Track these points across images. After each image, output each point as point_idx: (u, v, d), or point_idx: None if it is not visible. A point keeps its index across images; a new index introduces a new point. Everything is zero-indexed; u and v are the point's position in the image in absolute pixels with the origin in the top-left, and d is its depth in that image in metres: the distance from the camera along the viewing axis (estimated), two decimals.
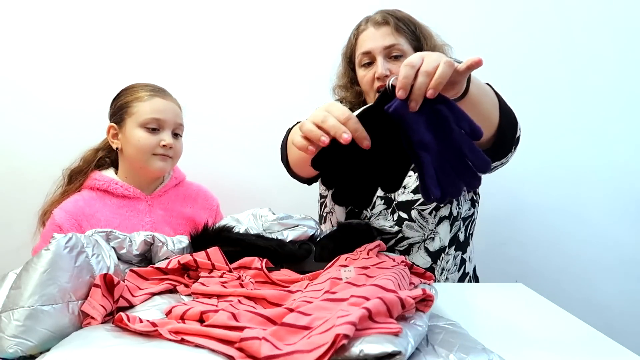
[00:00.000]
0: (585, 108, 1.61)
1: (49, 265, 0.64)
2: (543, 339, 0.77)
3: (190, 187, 1.36)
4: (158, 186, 1.28)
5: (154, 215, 1.25)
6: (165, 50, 1.56)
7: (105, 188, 1.21)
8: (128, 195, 1.22)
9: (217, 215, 1.38)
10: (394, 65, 1.11)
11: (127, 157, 1.22)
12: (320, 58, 1.57)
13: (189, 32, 1.56)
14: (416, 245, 1.14)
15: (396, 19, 1.12)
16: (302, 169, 1.04)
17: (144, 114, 1.18)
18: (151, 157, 1.20)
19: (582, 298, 1.52)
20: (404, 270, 0.76)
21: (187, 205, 1.32)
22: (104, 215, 1.19)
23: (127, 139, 1.20)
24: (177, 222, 1.27)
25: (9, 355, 0.59)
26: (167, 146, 1.20)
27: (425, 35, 1.14)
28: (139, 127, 1.19)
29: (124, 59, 1.54)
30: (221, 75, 1.59)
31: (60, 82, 1.53)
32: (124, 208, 1.22)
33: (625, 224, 1.64)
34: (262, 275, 0.84)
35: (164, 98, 1.22)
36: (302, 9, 1.57)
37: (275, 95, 1.59)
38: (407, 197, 1.12)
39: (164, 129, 1.20)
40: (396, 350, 0.52)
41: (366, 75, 1.14)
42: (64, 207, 1.17)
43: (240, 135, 1.59)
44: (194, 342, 0.58)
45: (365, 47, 1.13)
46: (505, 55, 1.58)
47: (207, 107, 1.58)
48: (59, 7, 1.52)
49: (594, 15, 1.57)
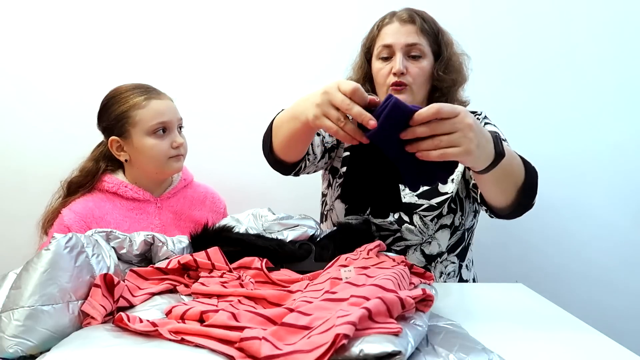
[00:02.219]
0: (586, 107, 1.60)
1: (49, 265, 0.64)
2: (543, 338, 0.77)
3: (197, 189, 1.35)
4: (167, 188, 1.27)
5: (163, 217, 1.24)
6: (168, 50, 1.55)
7: (115, 191, 1.20)
8: (138, 198, 1.22)
9: (225, 216, 1.37)
10: (412, 64, 1.11)
11: (140, 166, 1.21)
12: (322, 57, 1.58)
13: (192, 31, 1.56)
14: (413, 247, 1.14)
15: (423, 20, 1.12)
16: (291, 150, 0.98)
17: (149, 121, 1.16)
18: (167, 161, 1.19)
19: (582, 298, 1.52)
20: (404, 270, 0.76)
21: (195, 208, 1.31)
22: (114, 217, 1.18)
23: (137, 150, 1.17)
24: (185, 225, 1.26)
25: (9, 355, 0.59)
26: (179, 145, 1.20)
27: (446, 42, 1.14)
28: (147, 136, 1.16)
29: (127, 58, 1.54)
30: (222, 74, 1.59)
31: (62, 81, 1.53)
32: (133, 211, 1.21)
33: (625, 224, 1.63)
34: (262, 275, 0.84)
35: (159, 98, 1.20)
36: (305, 7, 1.57)
37: (277, 94, 1.58)
38: (411, 199, 1.12)
39: (171, 129, 1.19)
40: (396, 350, 0.52)
41: (383, 69, 1.13)
42: (73, 208, 1.16)
43: (240, 134, 1.59)
44: (194, 342, 0.58)
45: (387, 40, 1.12)
46: (506, 55, 1.58)
47: (208, 106, 1.58)
48: (61, 9, 1.52)
49: (595, 11, 1.57)
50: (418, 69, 1.11)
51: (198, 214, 1.30)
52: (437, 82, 1.14)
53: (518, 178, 0.88)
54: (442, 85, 1.14)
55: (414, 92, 1.12)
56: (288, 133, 0.90)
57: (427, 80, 1.13)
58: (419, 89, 1.13)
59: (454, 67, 1.14)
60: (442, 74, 1.12)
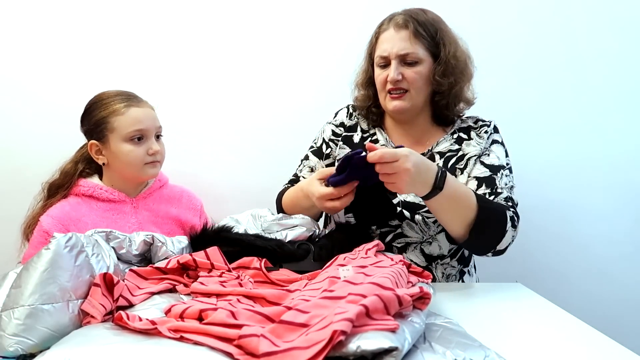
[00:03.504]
0: (585, 107, 1.60)
1: (49, 264, 0.65)
2: (542, 337, 0.77)
3: (173, 189, 1.38)
4: (142, 189, 1.31)
5: (139, 216, 1.27)
6: (164, 53, 1.55)
7: (90, 194, 1.23)
8: (113, 199, 1.25)
9: (202, 215, 1.40)
10: (408, 70, 1.12)
11: (116, 170, 1.24)
12: (317, 61, 1.58)
13: (186, 34, 1.56)
14: (413, 245, 1.14)
15: (417, 23, 1.12)
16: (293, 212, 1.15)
17: (126, 128, 1.18)
18: (143, 167, 1.22)
19: (581, 298, 1.52)
20: (401, 269, 0.77)
21: (172, 205, 1.34)
22: (91, 218, 1.20)
23: (114, 155, 1.21)
24: (162, 221, 1.29)
25: (10, 353, 0.59)
26: (155, 153, 1.23)
27: (446, 41, 1.13)
28: (124, 142, 1.20)
29: (119, 61, 1.54)
30: (219, 77, 1.59)
31: (59, 81, 1.53)
32: (110, 211, 1.24)
33: (625, 224, 1.63)
34: (261, 275, 0.84)
35: (139, 106, 1.23)
36: (300, 12, 1.58)
37: (274, 98, 1.59)
38: (415, 199, 1.13)
39: (148, 137, 1.22)
40: (393, 346, 0.52)
41: (380, 75, 1.15)
42: (50, 213, 1.18)
43: (240, 136, 1.60)
44: (193, 339, 0.58)
45: (382, 50, 1.14)
46: (506, 54, 1.58)
47: (208, 108, 1.58)
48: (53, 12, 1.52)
49: (595, 11, 1.57)
50: (414, 74, 1.12)
51: (174, 211, 1.33)
52: (436, 86, 1.14)
53: (464, 214, 1.00)
54: (440, 88, 1.14)
55: (413, 97, 1.13)
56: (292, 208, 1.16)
57: (425, 84, 1.14)
58: (418, 93, 1.14)
59: (454, 67, 1.13)
60: (439, 78, 1.12)
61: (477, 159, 1.14)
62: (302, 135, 1.41)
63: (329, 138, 1.26)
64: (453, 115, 1.20)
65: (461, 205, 0.99)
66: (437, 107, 1.18)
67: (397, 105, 1.14)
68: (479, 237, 1.02)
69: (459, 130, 1.20)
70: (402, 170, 0.88)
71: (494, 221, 1.02)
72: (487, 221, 1.01)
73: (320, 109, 1.38)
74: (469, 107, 1.22)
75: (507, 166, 1.15)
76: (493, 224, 1.02)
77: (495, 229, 1.02)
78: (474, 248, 1.10)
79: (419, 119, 1.20)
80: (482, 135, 1.17)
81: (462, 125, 1.21)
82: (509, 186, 1.12)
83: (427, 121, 1.21)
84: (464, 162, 1.15)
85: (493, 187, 1.10)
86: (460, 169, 1.14)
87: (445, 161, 1.15)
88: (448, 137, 1.19)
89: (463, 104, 1.20)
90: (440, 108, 1.18)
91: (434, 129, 1.21)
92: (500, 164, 1.13)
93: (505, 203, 1.07)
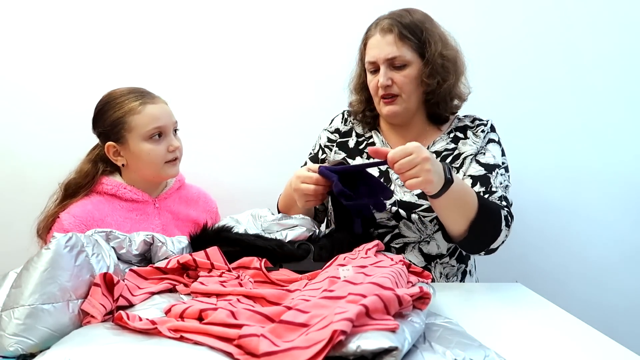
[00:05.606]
0: (586, 107, 1.60)
1: (50, 264, 0.65)
2: (541, 337, 0.77)
3: (190, 190, 1.37)
4: (163, 189, 1.29)
5: (163, 217, 1.25)
6: (165, 52, 1.56)
7: (114, 192, 1.20)
8: (136, 199, 1.22)
9: (217, 217, 1.39)
10: (397, 74, 1.12)
11: (137, 170, 1.22)
12: (319, 62, 1.58)
13: (193, 33, 1.56)
14: (411, 245, 1.14)
15: (401, 26, 1.11)
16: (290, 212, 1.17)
17: (145, 126, 1.16)
18: (164, 165, 1.20)
19: (582, 298, 1.52)
20: (401, 269, 0.77)
21: (191, 207, 1.33)
22: (115, 219, 1.18)
23: (134, 155, 1.18)
24: (183, 224, 1.27)
25: (10, 353, 0.59)
26: (176, 149, 1.21)
27: (432, 40, 1.12)
28: (144, 141, 1.17)
29: (123, 60, 1.54)
30: (221, 77, 1.59)
31: (61, 83, 1.53)
32: (133, 212, 1.22)
33: (625, 224, 1.63)
34: (261, 275, 0.84)
35: (154, 102, 1.20)
36: (301, 13, 1.58)
37: (276, 97, 1.59)
38: (411, 198, 1.13)
39: (167, 133, 1.20)
40: (393, 346, 0.52)
41: (372, 82, 1.16)
42: (72, 212, 1.15)
43: (240, 135, 1.60)
44: (193, 339, 0.58)
45: (371, 55, 1.14)
46: (507, 54, 1.58)
47: (208, 107, 1.59)
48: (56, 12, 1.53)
49: (596, 16, 1.57)
50: (403, 77, 1.12)
51: (194, 214, 1.32)
52: (426, 87, 1.14)
53: (468, 210, 0.99)
54: (430, 88, 1.14)
55: (405, 100, 1.14)
56: (286, 206, 1.19)
57: (416, 86, 1.14)
58: (409, 96, 1.14)
59: (441, 66, 1.12)
60: (425, 79, 1.12)
61: (472, 158, 1.15)
62: (304, 136, 1.41)
63: (324, 144, 1.28)
64: (447, 113, 1.20)
65: (466, 202, 0.99)
66: (431, 107, 1.19)
67: (390, 110, 1.15)
68: (477, 236, 1.03)
69: (456, 130, 1.20)
70: (421, 159, 0.87)
71: (491, 220, 1.02)
72: (485, 219, 1.01)
73: (325, 110, 1.38)
74: (462, 102, 1.21)
75: (503, 165, 1.15)
76: (490, 223, 1.02)
77: (492, 227, 1.03)
78: (469, 246, 1.09)
79: (414, 120, 1.20)
80: (478, 134, 1.17)
81: (458, 124, 1.21)
82: (504, 185, 1.12)
83: (422, 122, 1.21)
84: (459, 161, 1.15)
85: (487, 185, 1.10)
86: (456, 168, 1.14)
87: (441, 160, 1.15)
88: (444, 137, 1.19)
89: (457, 100, 1.20)
90: (433, 107, 1.18)
91: (429, 129, 1.21)
92: (495, 163, 1.13)
93: (500, 202, 1.07)
